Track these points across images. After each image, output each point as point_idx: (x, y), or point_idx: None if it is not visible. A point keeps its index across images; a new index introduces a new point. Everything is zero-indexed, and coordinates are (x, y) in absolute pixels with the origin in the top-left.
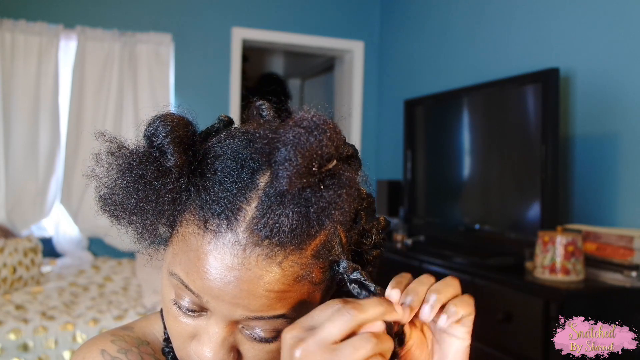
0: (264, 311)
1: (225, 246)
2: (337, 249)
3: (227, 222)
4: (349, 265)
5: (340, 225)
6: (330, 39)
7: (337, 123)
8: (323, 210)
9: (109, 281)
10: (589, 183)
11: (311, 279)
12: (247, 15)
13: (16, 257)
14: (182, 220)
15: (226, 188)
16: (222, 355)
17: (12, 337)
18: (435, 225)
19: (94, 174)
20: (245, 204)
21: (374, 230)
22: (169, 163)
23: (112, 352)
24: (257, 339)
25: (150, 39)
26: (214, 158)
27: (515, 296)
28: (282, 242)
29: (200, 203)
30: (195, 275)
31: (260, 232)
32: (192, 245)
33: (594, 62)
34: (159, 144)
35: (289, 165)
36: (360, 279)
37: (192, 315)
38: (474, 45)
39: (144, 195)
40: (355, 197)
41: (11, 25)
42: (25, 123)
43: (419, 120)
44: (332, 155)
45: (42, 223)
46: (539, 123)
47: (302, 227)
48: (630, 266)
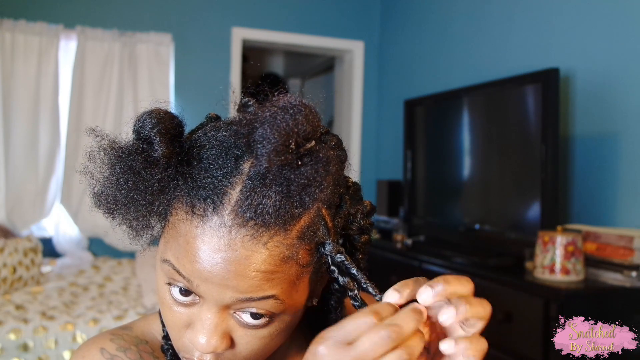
0: (253, 292)
1: (212, 229)
2: (322, 231)
3: (213, 206)
4: (334, 247)
5: (325, 209)
6: (330, 39)
7: (315, 106)
8: (303, 188)
9: (109, 281)
10: (588, 183)
11: (298, 260)
12: (247, 15)
13: (16, 257)
14: (172, 209)
15: (211, 174)
16: (215, 341)
17: (12, 337)
18: (435, 225)
19: (87, 170)
20: (230, 188)
21: (359, 215)
22: (156, 153)
23: (111, 351)
24: (249, 325)
25: (150, 39)
26: (200, 148)
27: (515, 296)
28: (266, 223)
29: (188, 190)
30: (185, 259)
31: (245, 214)
32: (181, 231)
33: (594, 62)
34: (146, 135)
35: (267, 143)
36: (344, 262)
37: (186, 303)
38: (473, 45)
39: (134, 186)
40: (337, 178)
41: (11, 25)
42: (25, 123)
43: (419, 120)
44: (309, 134)
45: (42, 223)
46: (539, 123)
47: (285, 207)
48: (630, 266)
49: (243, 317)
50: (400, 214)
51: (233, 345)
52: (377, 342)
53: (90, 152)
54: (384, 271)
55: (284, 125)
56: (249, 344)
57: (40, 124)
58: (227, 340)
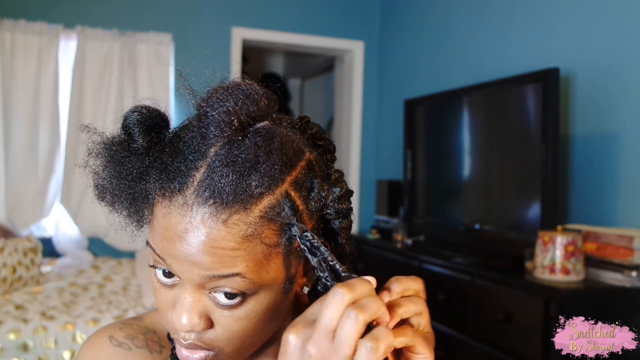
0: (217, 269)
1: (176, 208)
2: (287, 212)
3: (178, 187)
4: (299, 227)
5: (294, 191)
6: (330, 39)
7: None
8: (252, 165)
9: (109, 281)
10: (589, 183)
11: (262, 239)
12: (247, 15)
13: (16, 257)
14: (154, 197)
15: (181, 160)
16: (192, 320)
17: (12, 337)
18: (435, 225)
19: (85, 164)
20: (195, 171)
21: (330, 197)
22: (135, 144)
23: (119, 338)
24: (224, 305)
25: (150, 39)
26: (175, 137)
27: (516, 296)
28: (224, 201)
29: (159, 175)
30: (157, 239)
31: (205, 193)
32: (155, 214)
33: (594, 61)
34: (126, 126)
35: (211, 119)
36: (311, 241)
37: (168, 284)
38: (474, 45)
39: (116, 174)
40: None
41: (11, 25)
42: (25, 123)
43: (419, 120)
44: (253, 113)
45: (42, 223)
46: (539, 123)
47: (241, 185)
48: (631, 266)
49: (218, 297)
50: (400, 214)
51: (213, 326)
52: (334, 306)
53: (88, 147)
54: (384, 271)
55: (223, 103)
56: (227, 325)
57: (40, 123)
58: (206, 321)
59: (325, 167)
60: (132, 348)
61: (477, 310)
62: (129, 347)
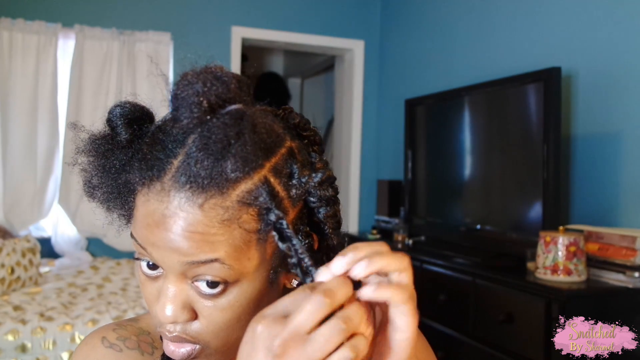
0: (196, 255)
1: (154, 195)
2: (265, 198)
3: (157, 174)
4: (275, 214)
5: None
6: (331, 38)
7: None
8: (223, 145)
9: (108, 282)
10: (590, 183)
11: (240, 224)
12: (246, 14)
13: (14, 258)
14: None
15: (158, 149)
16: (176, 311)
17: (10, 338)
18: (436, 225)
19: (75, 161)
20: (173, 158)
21: (310, 183)
22: (118, 137)
23: (111, 339)
24: (206, 295)
25: (149, 38)
26: (156, 129)
27: (517, 297)
28: (200, 185)
29: (140, 165)
30: (138, 227)
31: (181, 178)
32: (136, 203)
33: (595, 61)
34: (109, 120)
35: (181, 101)
36: (283, 228)
37: (153, 276)
38: (475, 44)
39: (102, 168)
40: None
41: (9, 24)
42: (23, 122)
43: (420, 120)
44: (222, 94)
45: (41, 223)
46: (541, 122)
47: (216, 168)
48: (633, 267)
49: (200, 287)
50: (401, 214)
51: (197, 318)
52: (312, 311)
53: (76, 145)
54: None
55: (193, 85)
56: (212, 317)
57: (39, 123)
58: (189, 312)
59: (308, 156)
60: (124, 350)
61: (478, 310)
62: (120, 349)
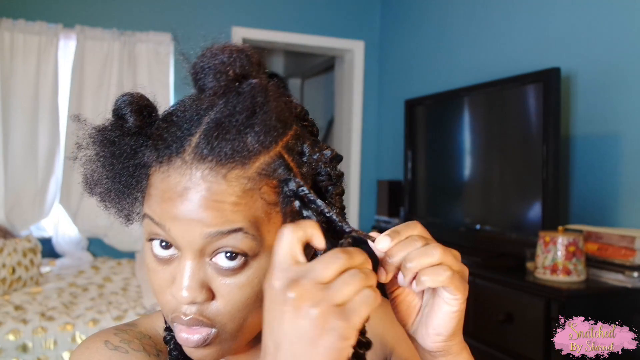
0: (219, 224)
1: (175, 170)
2: (282, 170)
3: (176, 151)
4: (295, 182)
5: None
6: (331, 39)
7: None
8: (248, 114)
9: (109, 282)
10: (590, 183)
11: (261, 195)
12: (247, 15)
13: (15, 258)
14: (148, 173)
15: (174, 130)
16: (194, 290)
17: (11, 337)
18: (436, 225)
19: (76, 156)
20: (191, 136)
21: (322, 160)
22: (128, 123)
23: (115, 342)
24: (226, 270)
25: (149, 39)
26: (168, 114)
27: (517, 297)
28: (222, 157)
29: (155, 146)
30: (155, 205)
31: (203, 151)
32: (152, 182)
33: (595, 61)
34: (117, 109)
35: (207, 70)
36: (306, 194)
37: (166, 258)
38: (474, 44)
39: (111, 155)
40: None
41: (10, 24)
42: (24, 123)
43: (420, 120)
44: (246, 67)
45: (42, 223)
46: (540, 123)
47: (238, 140)
48: (632, 267)
49: (219, 262)
50: (401, 214)
51: (214, 298)
52: (330, 261)
53: (77, 140)
54: None
55: (220, 57)
56: (230, 295)
57: (40, 123)
58: (207, 291)
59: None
60: (129, 351)
61: (478, 310)
62: (126, 351)
